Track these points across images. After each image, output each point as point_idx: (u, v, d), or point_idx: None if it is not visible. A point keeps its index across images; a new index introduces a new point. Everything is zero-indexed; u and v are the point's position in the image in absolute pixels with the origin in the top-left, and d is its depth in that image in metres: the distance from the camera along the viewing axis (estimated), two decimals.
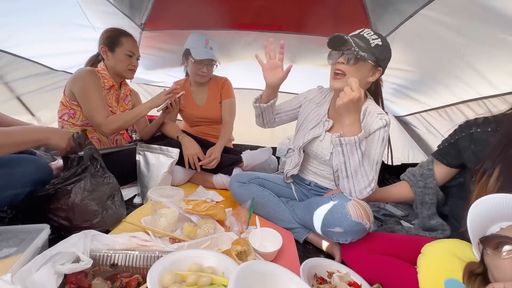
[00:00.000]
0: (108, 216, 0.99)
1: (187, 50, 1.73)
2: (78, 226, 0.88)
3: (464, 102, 1.61)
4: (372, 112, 1.11)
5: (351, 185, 1.01)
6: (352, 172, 0.99)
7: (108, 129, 1.33)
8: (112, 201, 1.04)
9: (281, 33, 2.40)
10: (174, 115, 1.85)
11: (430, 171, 1.02)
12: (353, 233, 0.97)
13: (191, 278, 0.68)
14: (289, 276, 0.71)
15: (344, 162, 0.99)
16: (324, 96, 1.29)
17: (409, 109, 2.15)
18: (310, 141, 1.21)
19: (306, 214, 1.15)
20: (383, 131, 1.06)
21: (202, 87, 1.89)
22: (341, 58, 1.05)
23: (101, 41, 1.42)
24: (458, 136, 0.94)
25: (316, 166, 1.28)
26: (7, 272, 0.60)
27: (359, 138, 0.95)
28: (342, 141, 0.98)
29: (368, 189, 0.99)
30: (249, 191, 1.30)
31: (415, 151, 2.25)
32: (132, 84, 2.66)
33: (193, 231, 1.01)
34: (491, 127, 0.86)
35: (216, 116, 1.90)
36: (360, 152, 0.97)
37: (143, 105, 1.43)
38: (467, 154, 0.90)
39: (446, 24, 1.42)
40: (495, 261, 0.56)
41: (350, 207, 0.97)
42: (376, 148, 1.06)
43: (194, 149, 1.54)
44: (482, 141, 0.86)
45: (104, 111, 1.33)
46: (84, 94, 1.31)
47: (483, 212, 0.61)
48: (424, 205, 1.02)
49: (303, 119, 1.30)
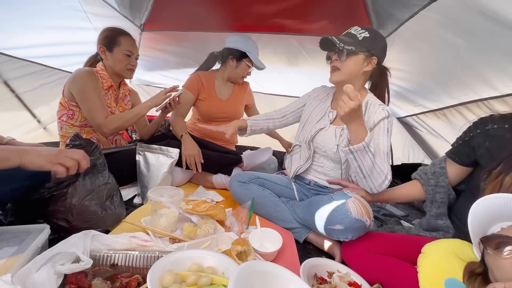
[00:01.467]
0: (108, 217, 0.99)
1: (239, 51, 1.73)
2: (77, 227, 0.88)
3: (463, 104, 1.60)
4: (374, 104, 1.18)
5: (369, 183, 1.05)
6: (368, 172, 1.02)
7: (108, 129, 1.33)
8: (111, 202, 1.03)
9: (281, 34, 2.40)
10: (185, 110, 1.83)
11: (443, 169, 1.00)
12: (354, 230, 0.98)
13: (191, 278, 0.67)
14: (289, 276, 0.71)
15: (358, 166, 1.02)
16: (327, 93, 1.36)
17: (408, 111, 2.15)
18: (317, 133, 1.25)
19: (306, 213, 1.15)
20: (386, 122, 1.12)
21: (227, 83, 1.91)
22: (334, 56, 1.16)
23: (99, 41, 1.41)
24: (473, 133, 0.92)
25: (318, 163, 1.28)
26: (7, 272, 0.60)
27: (367, 142, 0.97)
28: (352, 149, 1.00)
29: (386, 182, 1.04)
30: (249, 191, 1.30)
31: (415, 151, 2.25)
32: (132, 84, 2.66)
33: (193, 231, 1.01)
34: (508, 124, 0.84)
35: (235, 113, 1.92)
36: (371, 154, 1.00)
37: (143, 105, 1.42)
38: (481, 151, 0.88)
39: (446, 25, 1.41)
40: (495, 261, 0.56)
41: (350, 205, 0.98)
42: (383, 140, 1.11)
43: (193, 150, 1.54)
44: (498, 138, 0.84)
45: (103, 111, 1.32)
46: (82, 95, 1.31)
47: (484, 212, 0.61)
48: (433, 203, 1.00)
49: (308, 115, 1.33)
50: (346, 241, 1.03)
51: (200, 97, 1.83)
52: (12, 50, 1.58)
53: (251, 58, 1.73)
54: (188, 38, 2.44)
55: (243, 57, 1.75)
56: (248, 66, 1.77)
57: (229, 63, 1.80)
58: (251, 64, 1.76)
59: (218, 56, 1.89)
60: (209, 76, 1.87)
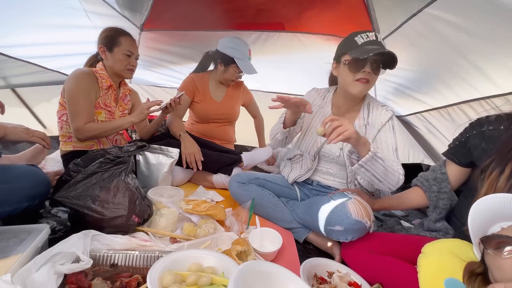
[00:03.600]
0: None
1: (227, 56, 1.70)
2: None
3: (466, 102, 1.59)
4: (376, 106, 1.21)
5: (387, 184, 1.05)
6: (382, 176, 1.02)
7: (84, 136, 1.31)
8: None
9: (282, 32, 2.40)
10: (182, 111, 1.83)
11: (444, 175, 0.99)
12: (353, 231, 0.98)
13: (191, 278, 0.68)
14: (289, 276, 0.71)
15: (372, 175, 1.02)
16: (323, 98, 1.32)
17: (411, 108, 2.14)
18: (322, 146, 1.23)
19: (306, 213, 1.15)
20: (391, 122, 1.18)
21: (221, 85, 1.89)
22: (368, 66, 1.06)
23: (100, 40, 1.41)
24: (469, 134, 0.92)
25: (322, 165, 1.29)
26: (7, 272, 0.60)
27: (373, 152, 0.97)
28: (361, 163, 0.99)
29: (401, 177, 1.05)
30: (249, 191, 1.30)
31: (415, 151, 2.25)
32: (132, 84, 2.66)
33: (193, 231, 1.01)
34: (504, 125, 0.84)
35: (230, 114, 1.91)
36: (380, 161, 0.99)
37: (126, 119, 1.40)
38: (477, 152, 0.88)
39: (449, 23, 1.40)
40: (495, 261, 0.56)
41: (350, 206, 0.98)
42: (391, 137, 1.16)
43: (192, 148, 1.54)
44: (494, 139, 0.84)
45: (86, 116, 1.30)
46: (71, 95, 1.30)
47: (484, 212, 0.61)
48: (436, 209, 1.00)
49: (308, 123, 1.31)
50: (346, 242, 1.03)
51: (195, 99, 1.83)
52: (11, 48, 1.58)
53: (239, 64, 1.69)
54: (188, 38, 2.43)
55: (231, 63, 1.72)
56: (235, 71, 1.75)
57: (218, 67, 1.79)
58: (239, 70, 1.74)
59: (212, 56, 1.87)
60: (203, 77, 1.86)
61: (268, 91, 2.77)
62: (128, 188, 0.94)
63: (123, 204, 0.91)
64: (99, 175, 0.92)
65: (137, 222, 0.95)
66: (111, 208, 0.89)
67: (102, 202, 0.89)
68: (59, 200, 0.89)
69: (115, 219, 0.89)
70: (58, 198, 0.89)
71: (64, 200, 0.89)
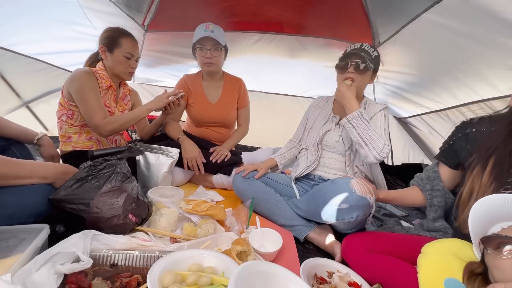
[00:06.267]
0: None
1: (193, 44, 1.65)
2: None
3: (466, 105, 1.60)
4: (372, 102, 1.37)
5: (371, 149, 1.15)
6: (367, 138, 1.15)
7: (106, 130, 1.32)
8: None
9: (282, 34, 2.42)
10: (178, 114, 1.78)
11: (436, 173, 1.02)
12: (358, 208, 1.01)
13: (191, 278, 0.68)
14: (289, 276, 0.71)
15: (358, 134, 1.16)
16: (326, 101, 1.51)
17: (410, 111, 2.15)
18: (324, 134, 1.37)
19: (310, 203, 1.18)
20: (384, 111, 1.31)
21: (215, 83, 1.78)
22: (351, 67, 1.25)
23: (101, 40, 1.41)
24: (455, 136, 0.95)
25: (324, 155, 1.37)
26: (7, 272, 0.60)
27: (360, 112, 1.16)
28: (348, 118, 1.17)
29: (386, 147, 1.15)
30: (253, 187, 1.35)
31: (415, 151, 2.25)
32: (134, 84, 2.67)
33: (193, 231, 1.01)
34: (486, 127, 0.87)
35: (227, 118, 1.81)
36: (366, 121, 1.16)
37: (143, 107, 1.41)
38: (463, 154, 0.91)
39: (448, 27, 1.42)
40: (495, 261, 0.56)
41: (354, 184, 1.02)
42: (381, 121, 1.27)
43: (193, 153, 1.53)
44: (477, 140, 0.87)
45: (101, 112, 1.31)
46: (81, 95, 1.30)
47: (484, 212, 0.61)
48: (432, 207, 1.01)
49: (312, 122, 1.47)
50: (346, 241, 1.03)
51: (189, 102, 1.76)
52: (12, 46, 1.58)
53: (193, 40, 1.61)
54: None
55: (194, 47, 1.64)
56: (200, 52, 1.62)
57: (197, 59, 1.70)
58: (202, 53, 1.61)
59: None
60: (195, 78, 1.78)
61: (268, 92, 2.79)
62: (120, 188, 0.93)
63: (117, 204, 0.90)
64: (90, 179, 0.90)
65: (135, 221, 0.94)
66: (105, 208, 0.88)
67: (95, 204, 0.87)
68: (54, 204, 0.88)
69: (111, 219, 0.89)
70: (53, 201, 0.88)
71: (59, 204, 0.87)
